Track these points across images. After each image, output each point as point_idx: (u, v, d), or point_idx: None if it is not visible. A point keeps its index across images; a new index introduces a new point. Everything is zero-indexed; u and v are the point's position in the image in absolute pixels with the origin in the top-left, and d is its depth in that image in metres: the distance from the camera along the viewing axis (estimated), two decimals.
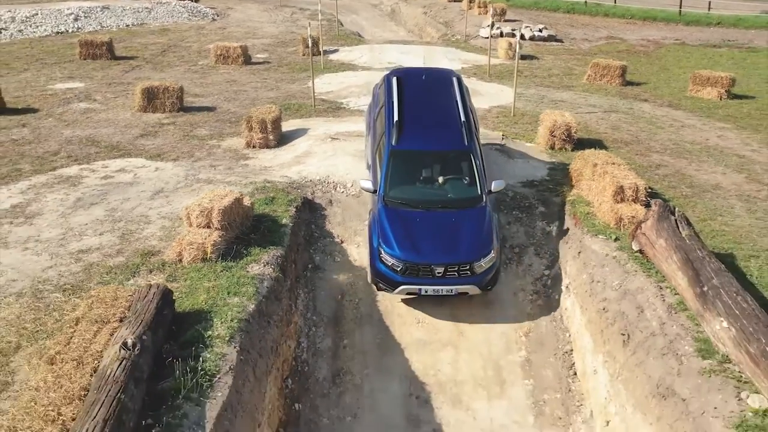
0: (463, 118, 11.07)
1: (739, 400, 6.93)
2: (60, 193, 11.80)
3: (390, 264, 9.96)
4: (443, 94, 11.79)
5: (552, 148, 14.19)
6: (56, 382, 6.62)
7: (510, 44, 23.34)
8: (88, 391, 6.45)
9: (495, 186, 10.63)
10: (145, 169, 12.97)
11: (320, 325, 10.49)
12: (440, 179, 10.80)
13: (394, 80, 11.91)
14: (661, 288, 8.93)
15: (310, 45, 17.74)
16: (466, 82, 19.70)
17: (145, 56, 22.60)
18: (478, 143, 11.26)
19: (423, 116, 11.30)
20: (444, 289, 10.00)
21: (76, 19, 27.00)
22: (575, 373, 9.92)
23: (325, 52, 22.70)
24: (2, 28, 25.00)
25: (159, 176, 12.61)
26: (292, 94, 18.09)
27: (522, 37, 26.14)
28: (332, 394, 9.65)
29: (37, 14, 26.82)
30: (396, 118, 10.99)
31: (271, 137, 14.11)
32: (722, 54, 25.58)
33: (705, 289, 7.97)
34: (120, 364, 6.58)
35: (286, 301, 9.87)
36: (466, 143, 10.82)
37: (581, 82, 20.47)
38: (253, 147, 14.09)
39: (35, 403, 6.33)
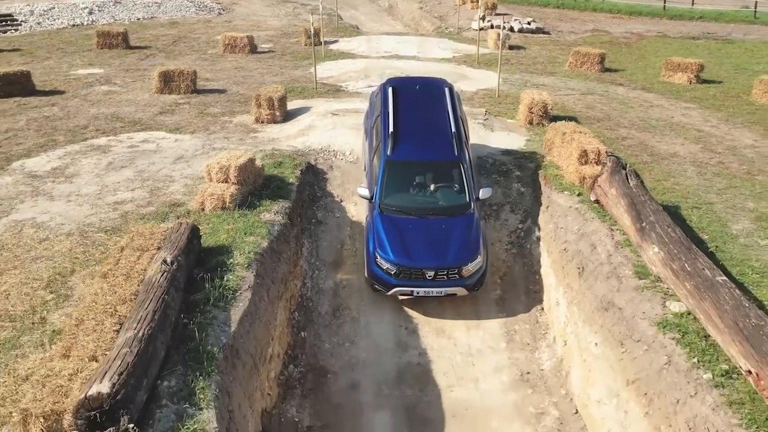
0: (453, 129, 11.76)
1: (663, 307, 8.53)
2: (93, 158, 13.39)
3: (385, 268, 10.73)
4: (436, 105, 12.44)
5: (530, 123, 15.75)
6: (111, 290, 8.21)
7: (498, 35, 24.87)
8: (137, 295, 8.05)
9: (482, 194, 11.44)
10: (166, 140, 14.56)
11: (322, 269, 12.10)
12: (432, 187, 11.48)
13: (390, 90, 12.57)
14: (611, 229, 10.53)
15: (312, 35, 19.37)
16: (459, 69, 21.38)
17: (158, 46, 24.20)
18: (468, 152, 12.03)
19: (416, 127, 11.97)
20: (434, 291, 10.75)
21: (90, 13, 28.60)
22: (542, 308, 11.53)
23: (326, 43, 24.27)
24: (22, 21, 26.59)
25: (179, 145, 14.20)
26: (295, 79, 19.67)
27: (511, 29, 27.83)
28: (333, 325, 11.24)
29: (53, 8, 28.42)
30: (391, 129, 11.69)
31: (277, 113, 15.70)
32: (699, 45, 27.18)
33: (644, 224, 9.58)
34: (162, 274, 8.17)
35: (294, 245, 11.47)
36: (456, 153, 11.53)
37: (563, 69, 22.06)
38: (262, 122, 15.67)
39: (96, 303, 7.92)
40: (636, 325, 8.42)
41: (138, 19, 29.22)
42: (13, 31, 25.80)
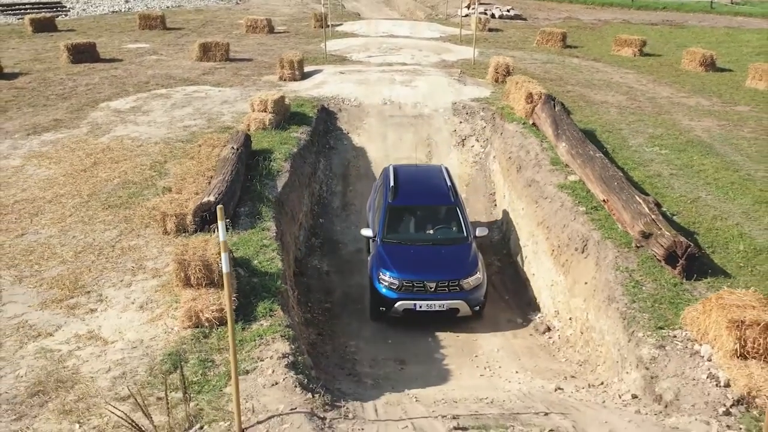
0: (449, 184, 12.73)
1: (565, 178, 12.77)
2: (159, 101, 17.63)
3: (388, 283, 11.00)
4: (433, 176, 13.47)
5: (496, 81, 19.96)
6: (198, 164, 12.46)
7: (480, 19, 29.15)
8: (216, 166, 12.26)
9: (479, 232, 11.97)
10: (212, 90, 18.79)
11: (334, 179, 16.35)
12: (431, 229, 12.11)
13: (391, 168, 13.52)
14: (541, 141, 14.75)
15: (323, 17, 23.60)
16: (444, 45, 25.59)
17: (190, 27, 28.46)
18: (465, 209, 12.62)
19: (416, 185, 13.04)
20: (437, 304, 10.87)
21: (126, 1, 32.85)
22: (495, 204, 15.76)
23: (332, 26, 28.47)
24: (70, 8, 30.83)
25: (222, 94, 18.44)
26: (308, 51, 23.87)
27: (492, 15, 32.09)
28: (342, 216, 15.48)
29: None
30: (392, 184, 12.62)
31: (297, 73, 19.93)
32: (654, 29, 31.41)
33: (559, 131, 13.83)
34: (232, 153, 12.42)
35: (314, 158, 15.71)
36: (453, 200, 12.32)
37: (531, 45, 26.30)
38: (284, 80, 19.89)
39: (190, 170, 12.15)
40: (546, 189, 12.68)
41: (168, 7, 33.49)
42: (63, 15, 30.06)
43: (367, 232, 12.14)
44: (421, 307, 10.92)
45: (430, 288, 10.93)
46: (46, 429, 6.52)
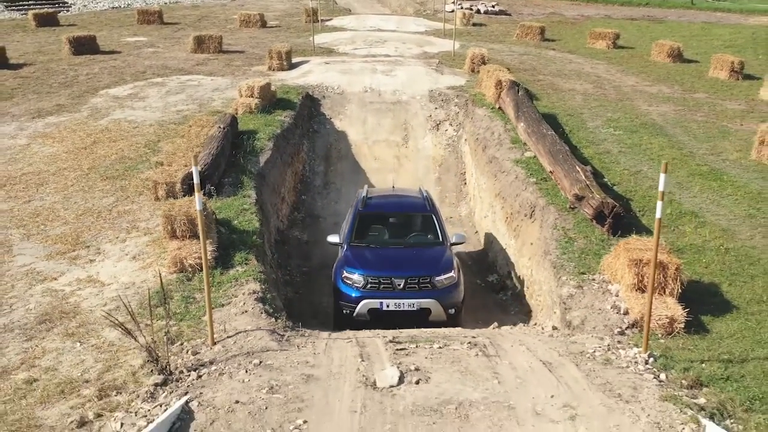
0: (426, 195, 12.18)
1: (521, 155, 14.04)
2: (155, 89, 18.91)
3: (352, 282, 10.14)
4: (409, 192, 13.06)
5: (472, 71, 21.20)
6: (188, 141, 13.72)
7: (464, 14, 30.42)
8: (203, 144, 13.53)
9: (456, 238, 11.24)
10: (205, 79, 20.06)
11: (317, 159, 17.63)
12: (404, 237, 11.38)
13: (366, 187, 13.18)
14: (505, 123, 16.01)
15: (311, 13, 24.83)
16: (428, 38, 26.81)
17: (186, 22, 29.74)
18: (441, 219, 11.81)
19: (390, 197, 12.76)
20: (406, 303, 9.86)
21: None
22: (464, 183, 17.02)
23: (322, 21, 29.73)
24: (72, 3, 32.12)
25: (214, 82, 19.71)
26: (298, 44, 25.13)
27: (477, 11, 33.34)
28: (324, 193, 16.76)
29: None
30: (364, 194, 12.09)
31: (285, 63, 21.19)
32: (633, 24, 32.64)
33: (519, 113, 15.10)
34: (219, 131, 13.69)
35: (297, 140, 16.99)
36: (429, 208, 11.67)
37: (511, 39, 27.54)
38: (273, 70, 21.15)
39: (180, 146, 13.42)
40: (504, 164, 13.95)
41: (165, 2, 34.77)
42: (65, 11, 31.34)
43: (333, 238, 11.40)
44: (388, 306, 9.90)
45: (399, 285, 10.00)
46: (52, 347, 7.80)
